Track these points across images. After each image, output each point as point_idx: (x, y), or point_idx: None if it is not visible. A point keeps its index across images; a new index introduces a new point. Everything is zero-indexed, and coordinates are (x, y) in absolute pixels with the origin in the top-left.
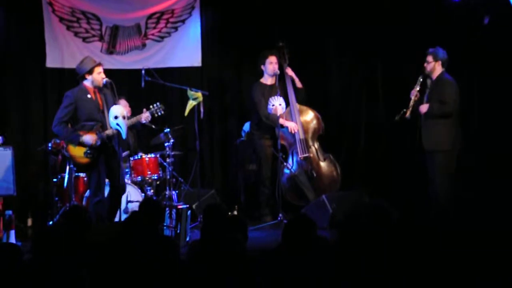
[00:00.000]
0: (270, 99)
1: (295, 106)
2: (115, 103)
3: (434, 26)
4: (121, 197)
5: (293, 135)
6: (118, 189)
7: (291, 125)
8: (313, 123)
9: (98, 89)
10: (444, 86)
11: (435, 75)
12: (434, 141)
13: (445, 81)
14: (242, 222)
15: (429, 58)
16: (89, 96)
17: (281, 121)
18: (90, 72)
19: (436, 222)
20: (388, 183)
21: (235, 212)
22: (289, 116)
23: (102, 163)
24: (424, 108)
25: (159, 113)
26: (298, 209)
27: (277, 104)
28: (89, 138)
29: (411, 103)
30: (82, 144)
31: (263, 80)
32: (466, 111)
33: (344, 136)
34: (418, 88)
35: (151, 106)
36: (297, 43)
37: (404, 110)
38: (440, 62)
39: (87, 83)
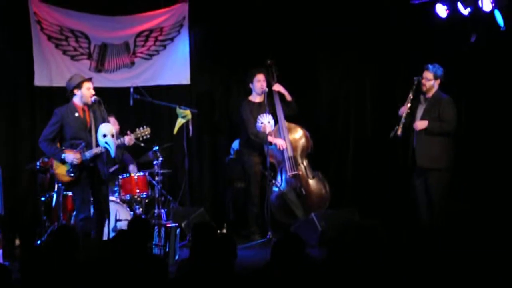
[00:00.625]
0: (259, 117)
1: (284, 123)
2: (104, 121)
3: (422, 42)
4: (104, 216)
5: (281, 153)
6: (101, 209)
7: (280, 142)
8: (302, 141)
9: (88, 106)
10: (444, 104)
11: (431, 92)
12: (430, 158)
13: (444, 99)
14: (231, 241)
15: (429, 75)
16: (76, 114)
17: (270, 138)
18: (79, 87)
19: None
20: (378, 201)
21: (224, 230)
22: (278, 133)
23: (86, 180)
24: (421, 124)
25: (144, 137)
26: (287, 227)
27: (266, 122)
28: (71, 156)
29: (402, 119)
30: (64, 161)
31: (251, 98)
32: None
33: (333, 152)
34: (408, 105)
35: (136, 129)
36: (285, 58)
37: (396, 127)
38: (439, 81)
39: (76, 100)
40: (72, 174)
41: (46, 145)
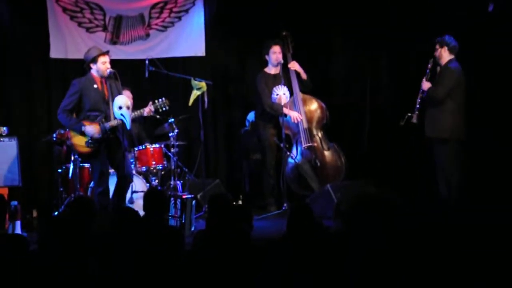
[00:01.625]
0: (274, 88)
1: (299, 95)
2: (120, 93)
3: (439, 15)
4: (127, 187)
5: (296, 125)
6: (124, 179)
7: (294, 115)
8: (317, 113)
9: (105, 79)
10: (444, 72)
11: (443, 62)
12: (434, 127)
13: (447, 67)
14: (247, 212)
15: (436, 46)
16: (95, 86)
17: (285, 110)
18: (94, 61)
19: (443, 215)
20: (393, 172)
21: (240, 202)
22: (293, 105)
23: (104, 153)
24: (426, 85)
25: (164, 109)
26: (303, 198)
27: (281, 93)
28: (91, 129)
29: (417, 105)
30: (84, 134)
31: (267, 70)
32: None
33: (349, 125)
34: (421, 90)
35: (156, 101)
36: (300, 31)
37: (409, 114)
38: (446, 48)
39: (94, 72)
40: (91, 145)
41: (64, 117)
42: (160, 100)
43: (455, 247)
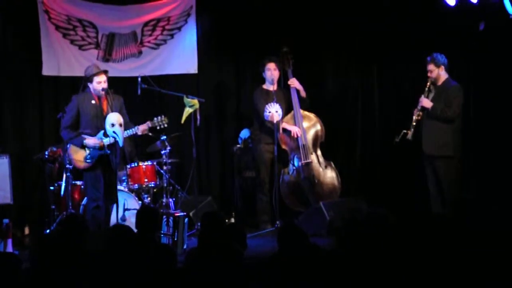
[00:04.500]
0: (267, 106)
1: (299, 111)
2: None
3: (430, 32)
4: (113, 205)
5: (295, 140)
6: (111, 198)
7: (294, 130)
8: (316, 129)
9: (105, 94)
10: (451, 91)
11: (440, 81)
12: (436, 145)
13: (452, 86)
14: (240, 230)
15: (431, 67)
16: (93, 102)
17: (284, 125)
18: (89, 80)
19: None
20: (386, 190)
21: (232, 220)
22: (293, 120)
23: (100, 168)
24: (426, 102)
25: (162, 126)
26: (296, 215)
27: (273, 111)
28: (91, 141)
29: (413, 123)
30: (84, 147)
31: (265, 86)
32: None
33: (341, 142)
34: (419, 107)
35: (154, 118)
36: (292, 47)
37: (405, 131)
38: (442, 67)
39: (91, 89)
40: (89, 161)
41: (66, 133)
42: (158, 117)
43: (451, 262)
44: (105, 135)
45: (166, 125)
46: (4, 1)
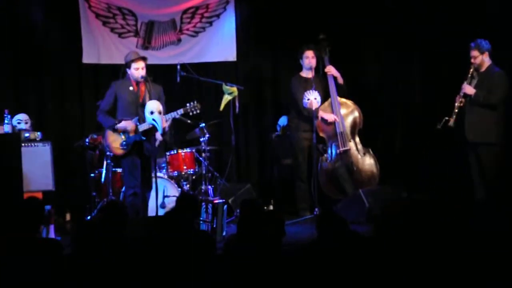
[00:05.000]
0: (305, 93)
1: (336, 99)
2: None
3: (470, 19)
4: (148, 194)
5: (333, 128)
6: (148, 187)
7: (331, 117)
8: (354, 116)
9: (144, 81)
10: (495, 76)
11: (484, 67)
12: (479, 132)
13: (496, 72)
14: (279, 217)
15: (475, 53)
16: (131, 88)
17: (321, 113)
18: (128, 66)
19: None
20: (425, 177)
21: (271, 207)
22: (330, 108)
23: (136, 154)
24: (469, 89)
25: (194, 112)
26: (335, 203)
27: (312, 98)
28: (124, 124)
29: (456, 109)
30: (118, 132)
31: (302, 74)
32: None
33: (379, 129)
34: (462, 94)
35: (187, 104)
36: (332, 35)
37: (447, 118)
38: (487, 54)
39: (130, 75)
40: (125, 147)
41: (102, 117)
42: (191, 103)
43: (492, 250)
44: (140, 122)
45: (198, 111)
46: None
